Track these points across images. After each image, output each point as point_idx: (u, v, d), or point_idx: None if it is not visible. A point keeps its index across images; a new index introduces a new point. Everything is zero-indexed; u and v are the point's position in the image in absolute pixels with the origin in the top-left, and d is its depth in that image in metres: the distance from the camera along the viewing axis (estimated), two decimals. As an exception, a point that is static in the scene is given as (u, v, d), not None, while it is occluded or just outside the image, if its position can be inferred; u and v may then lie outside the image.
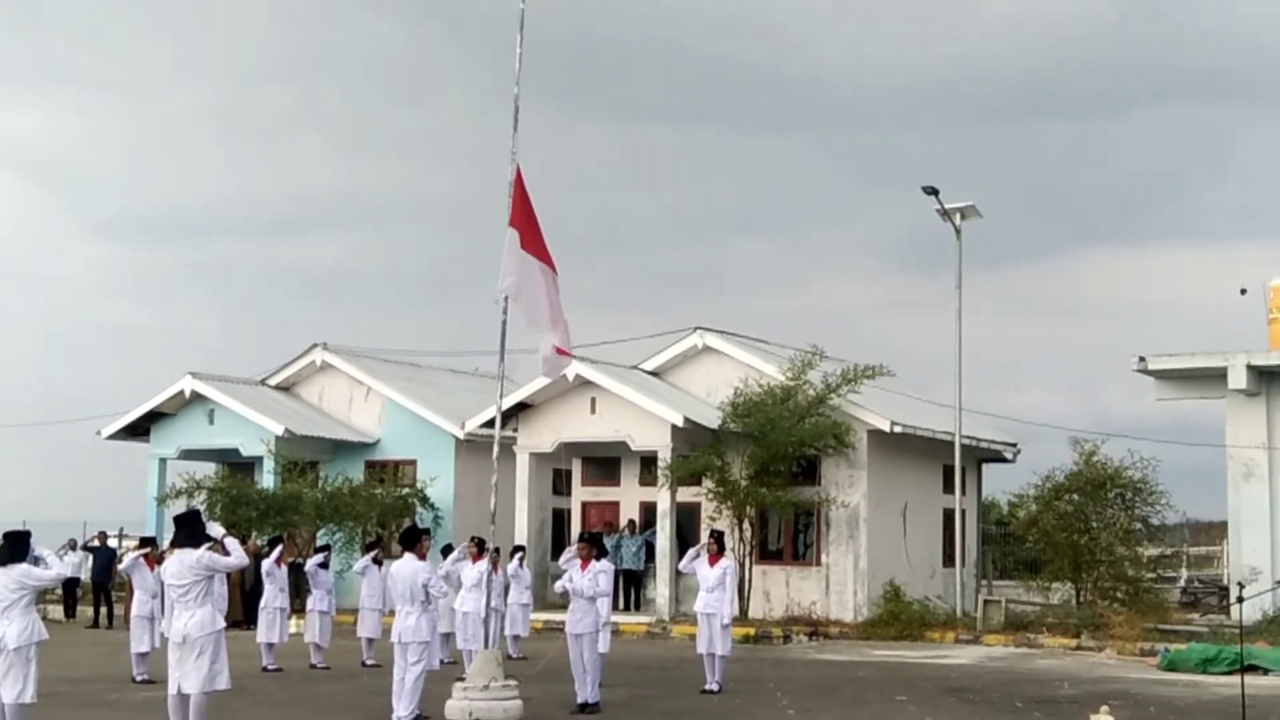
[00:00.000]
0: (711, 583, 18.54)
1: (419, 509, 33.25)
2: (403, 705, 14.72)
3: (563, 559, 17.64)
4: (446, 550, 21.70)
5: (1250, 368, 29.74)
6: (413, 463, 34.82)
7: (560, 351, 16.64)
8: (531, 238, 16.29)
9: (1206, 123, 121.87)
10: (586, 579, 16.48)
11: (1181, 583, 37.28)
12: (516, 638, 22.70)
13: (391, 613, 15.61)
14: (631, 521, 31.44)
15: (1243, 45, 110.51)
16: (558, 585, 17.51)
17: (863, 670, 21.64)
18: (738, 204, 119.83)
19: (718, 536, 19.33)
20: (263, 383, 36.51)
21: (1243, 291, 31.65)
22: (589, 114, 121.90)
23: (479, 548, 20.32)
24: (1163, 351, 31.08)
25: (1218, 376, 30.16)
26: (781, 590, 30.01)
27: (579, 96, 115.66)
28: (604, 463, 32.49)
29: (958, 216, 30.14)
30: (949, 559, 31.25)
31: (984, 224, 31.19)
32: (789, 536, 30.91)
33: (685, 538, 28.75)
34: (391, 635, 15.14)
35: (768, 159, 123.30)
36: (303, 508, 32.26)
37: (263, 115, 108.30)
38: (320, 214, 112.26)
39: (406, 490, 33.93)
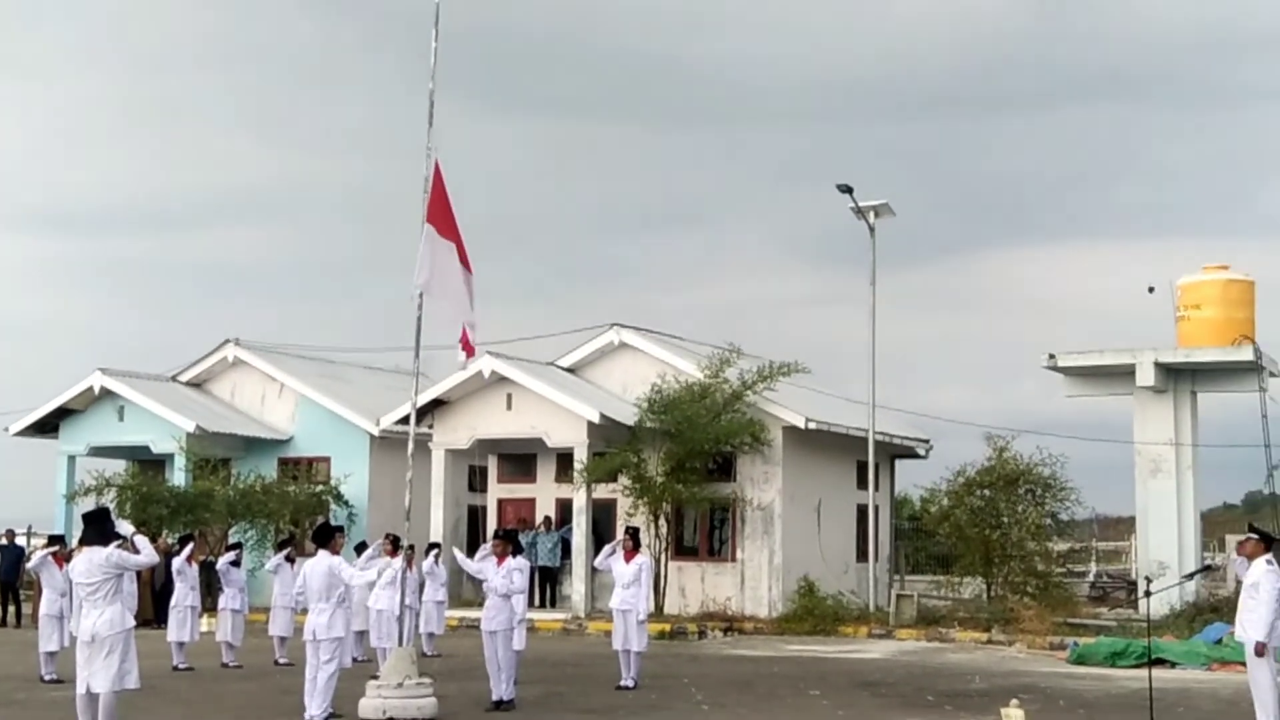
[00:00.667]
0: (627, 579, 18.57)
1: (333, 506, 33.03)
2: (315, 704, 14.61)
3: (477, 556, 17.59)
4: (361, 548, 21.56)
5: (1158, 365, 30.23)
6: (327, 460, 34.57)
7: (470, 348, 16.60)
8: (449, 234, 16.22)
9: (1118, 121, 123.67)
10: (501, 577, 16.45)
11: (1090, 577, 37.84)
12: (431, 635, 22.61)
13: (304, 611, 15.50)
14: (547, 518, 31.41)
15: (1151, 46, 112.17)
16: (468, 564, 17.52)
17: (777, 665, 21.76)
18: (654, 198, 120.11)
19: (633, 533, 19.38)
20: (174, 379, 36.11)
21: (1151, 290, 32.14)
22: (504, 107, 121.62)
23: (394, 545, 20.23)
24: (1072, 349, 31.54)
25: (1126, 373, 30.64)
26: (697, 586, 30.10)
27: (493, 89, 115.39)
28: (520, 459, 32.43)
29: (871, 214, 30.41)
30: (862, 554, 31.50)
31: (899, 220, 31.51)
32: (705, 532, 31.01)
33: (601, 534, 28.78)
34: (304, 633, 15.03)
35: (684, 153, 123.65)
36: (214, 505, 31.96)
37: (173, 105, 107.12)
38: (233, 206, 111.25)
39: (320, 487, 33.69)
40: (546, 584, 30.89)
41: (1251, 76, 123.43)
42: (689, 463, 29.03)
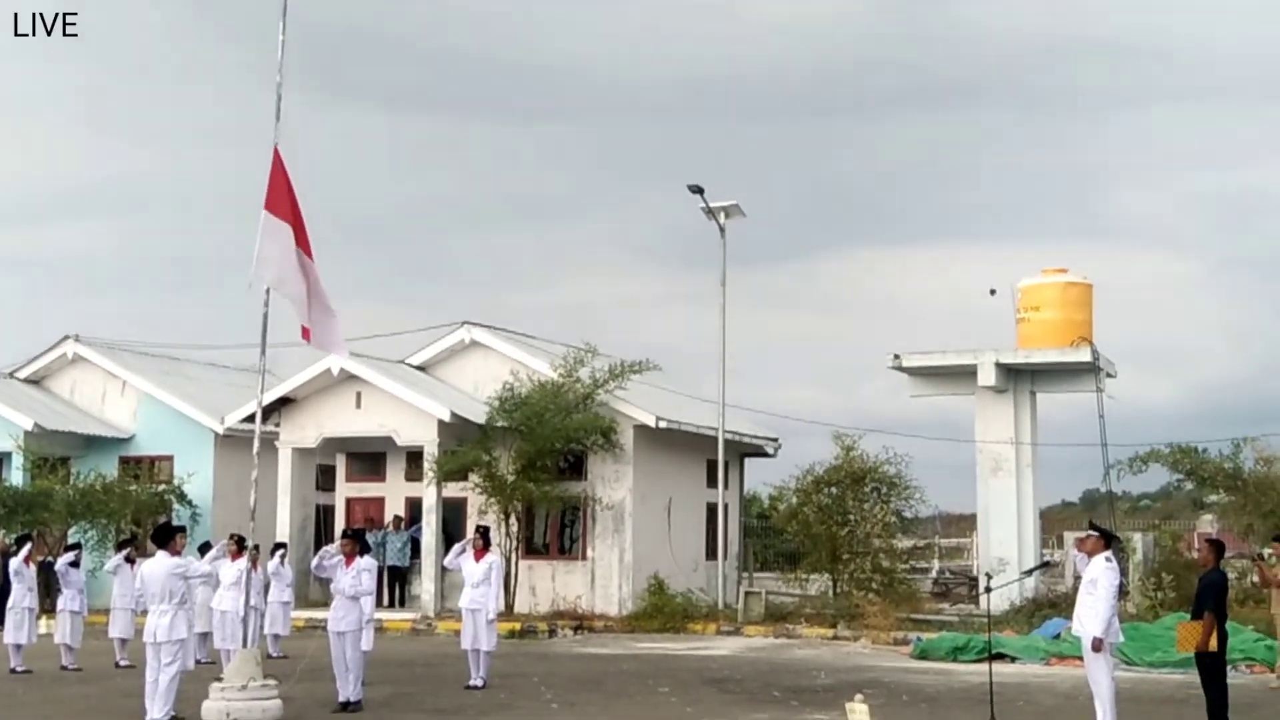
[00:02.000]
0: (477, 578, 18.50)
1: (176, 506, 32.43)
2: (157, 707, 14.34)
3: (326, 548, 17.38)
4: (204, 548, 21.17)
5: (999, 365, 30.90)
6: (170, 458, 33.95)
7: (307, 333, 16.34)
8: (293, 223, 15.94)
9: (964, 126, 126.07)
10: (349, 577, 16.28)
11: (933, 573, 38.54)
12: (276, 636, 22.27)
13: (145, 612, 15.19)
14: (397, 517, 31.15)
15: (996, 52, 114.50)
16: (313, 561, 17.32)
17: (626, 663, 21.82)
18: (507, 196, 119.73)
19: (483, 532, 19.30)
20: (11, 375, 35.17)
21: (992, 292, 32.85)
22: (355, 102, 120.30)
23: (238, 545, 19.92)
24: (917, 349, 32.08)
25: (968, 374, 31.26)
26: (547, 585, 30.07)
27: (344, 85, 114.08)
28: (369, 458, 32.11)
29: (722, 215, 30.64)
30: (712, 552, 31.73)
31: (752, 221, 31.82)
32: (555, 531, 30.99)
33: (451, 533, 28.60)
34: (145, 635, 14.74)
35: (539, 151, 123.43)
36: (53, 505, 31.22)
37: (15, 98, 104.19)
38: (72, 200, 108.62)
39: (163, 487, 33.06)
40: (395, 584, 30.64)
41: (1091, 83, 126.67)
42: (540, 461, 28.99)
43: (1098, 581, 13.60)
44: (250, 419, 25.14)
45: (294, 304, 16.11)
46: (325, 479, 32.14)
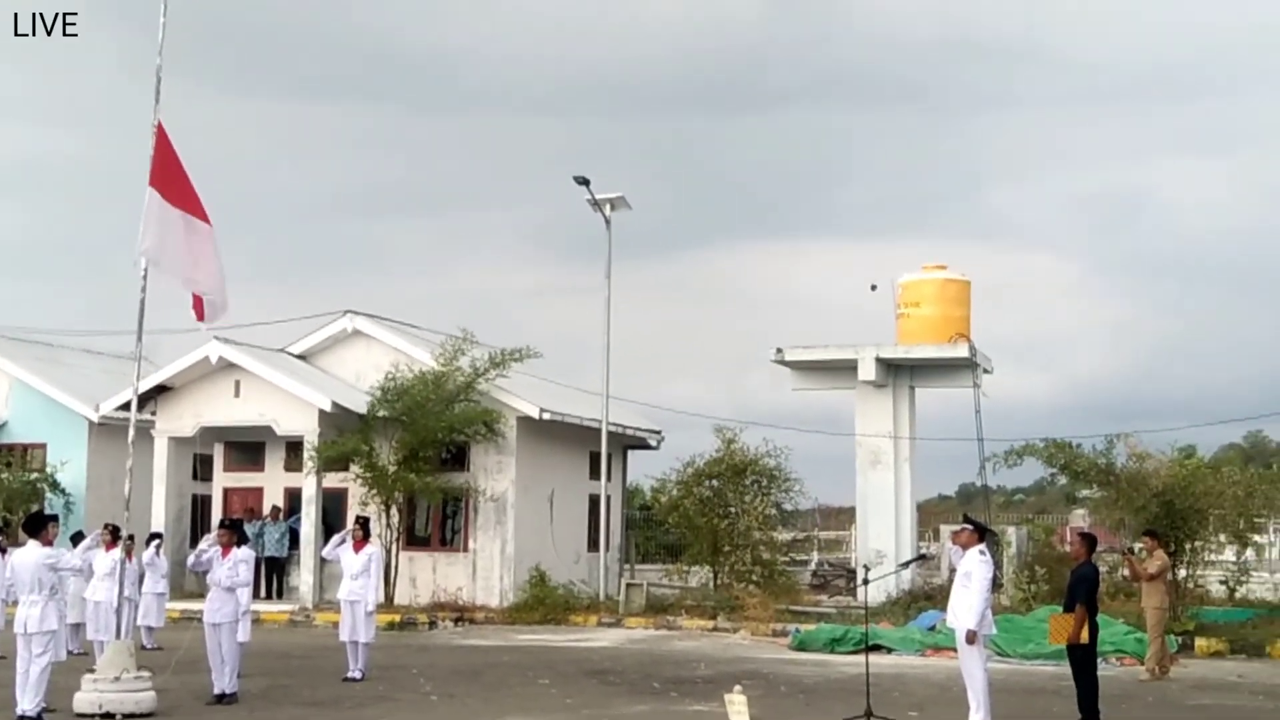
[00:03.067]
0: (356, 569, 18.38)
1: (48, 495, 31.82)
2: (27, 698, 14.07)
3: (201, 545, 17.14)
4: (77, 538, 20.77)
5: (879, 360, 31.26)
6: (42, 446, 33.34)
7: (198, 307, 16.12)
8: (179, 193, 15.72)
9: (850, 123, 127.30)
10: (226, 568, 16.09)
11: (812, 566, 38.84)
12: (150, 628, 21.93)
13: (15, 603, 14.88)
14: (276, 508, 30.80)
15: (883, 51, 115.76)
16: (190, 559, 17.09)
17: (507, 655, 21.79)
18: (394, 185, 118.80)
19: (363, 523, 19.20)
20: (-123, 360, 34.26)
21: (873, 287, 33.22)
22: (242, 87, 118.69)
23: (113, 535, 19.59)
24: (800, 343, 32.35)
25: (849, 368, 31.58)
26: (428, 576, 29.92)
27: (235, 72, 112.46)
28: (248, 447, 31.69)
29: (608, 207, 30.66)
30: (594, 544, 31.77)
31: (637, 215, 31.91)
32: (437, 522, 30.83)
33: (331, 524, 28.30)
34: (15, 626, 14.44)
35: (427, 140, 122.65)
36: (-80, 492, 30.48)
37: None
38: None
39: (35, 475, 32.43)
40: (273, 575, 30.30)
41: (975, 84, 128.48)
42: (422, 452, 28.82)
43: (972, 574, 13.82)
44: (126, 407, 24.79)
45: (180, 279, 15.91)
46: (203, 468, 31.71)
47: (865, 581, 15.78)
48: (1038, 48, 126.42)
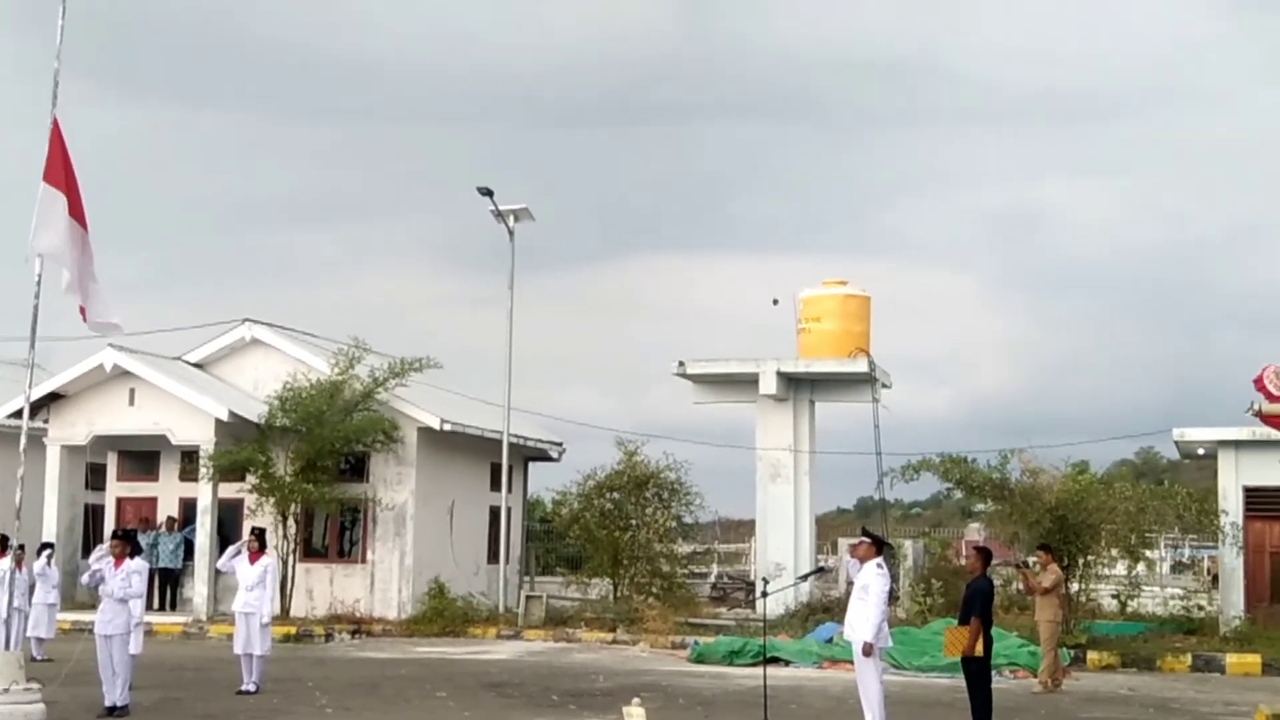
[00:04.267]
0: (251, 581, 18.19)
1: (-64, 504, 31.07)
2: (-90, 713, 13.74)
3: (93, 557, 16.87)
4: (-35, 548, 20.35)
5: (780, 374, 31.43)
6: (-71, 454, 32.50)
7: (85, 313, 15.84)
8: (70, 192, 15.46)
9: (755, 137, 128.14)
10: (119, 579, 15.84)
11: (712, 578, 39.00)
12: (40, 639, 21.54)
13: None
14: (170, 518, 30.37)
15: (788, 67, 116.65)
16: (84, 578, 16.80)
17: (404, 667, 21.64)
18: (296, 193, 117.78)
19: (259, 534, 18.98)
20: None
21: (775, 302, 33.40)
22: (138, 93, 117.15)
23: (2, 545, 19.25)
24: (701, 357, 32.46)
25: (750, 382, 31.73)
26: (325, 588, 29.65)
27: (135, 76, 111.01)
28: (142, 456, 31.24)
29: (511, 218, 30.58)
30: (494, 556, 31.62)
31: (541, 226, 31.87)
32: (335, 533, 30.58)
33: (227, 535, 28.01)
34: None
35: (326, 148, 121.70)
36: None
37: None
38: None
39: (-78, 483, 31.64)
40: (167, 586, 29.88)
41: (877, 102, 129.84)
42: (320, 462, 28.57)
43: (869, 587, 13.92)
44: (17, 414, 24.19)
45: (70, 276, 15.63)
46: (95, 478, 31.12)
47: (764, 594, 15.86)
48: (936, 67, 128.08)
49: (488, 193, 29.87)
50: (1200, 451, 29.46)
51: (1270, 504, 26.05)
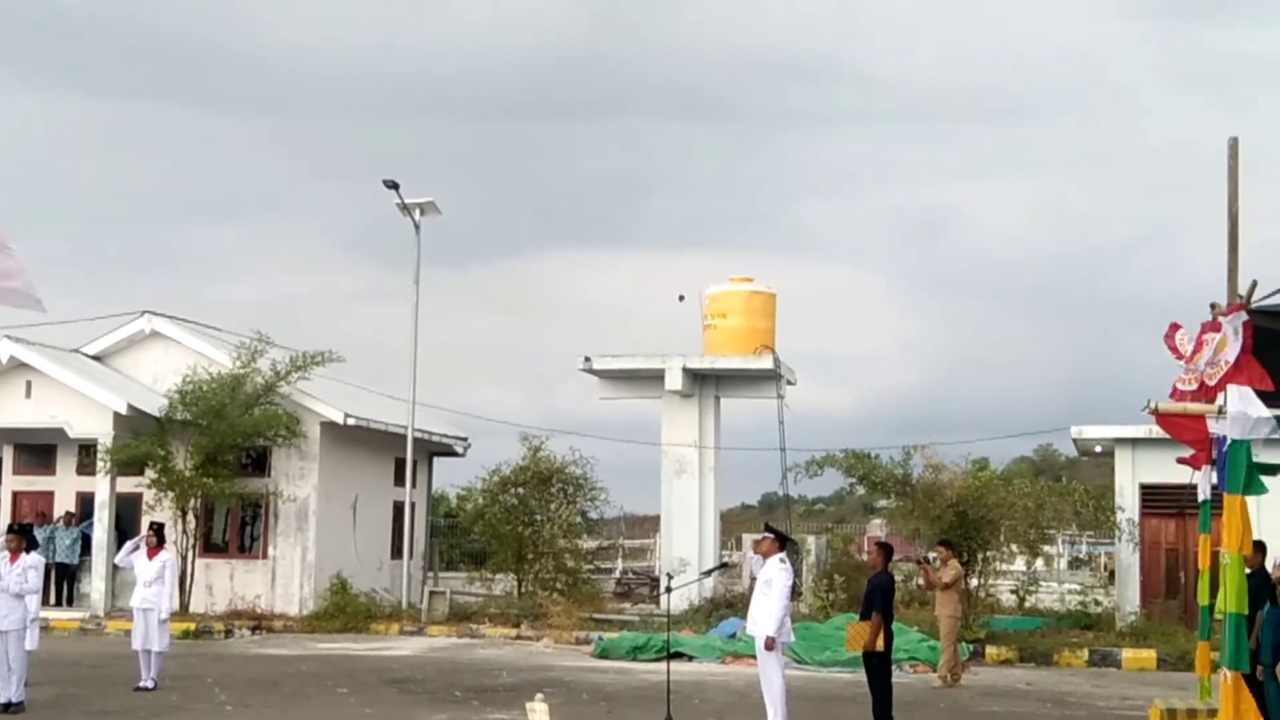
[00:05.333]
0: (149, 576, 17.98)
1: None
2: None
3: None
4: None
5: (686, 370, 31.55)
6: None
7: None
8: None
9: (668, 135, 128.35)
10: (14, 574, 15.58)
11: (617, 574, 39.07)
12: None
13: None
14: (68, 513, 29.89)
15: (702, 66, 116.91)
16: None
17: (306, 664, 21.46)
18: (196, 186, 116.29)
19: (158, 529, 18.76)
20: None
21: (681, 298, 33.53)
22: (43, 84, 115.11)
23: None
24: (607, 352, 32.48)
25: (656, 378, 31.82)
26: (226, 584, 29.32)
27: (34, 66, 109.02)
28: (39, 450, 30.70)
29: (417, 212, 30.37)
30: (397, 551, 31.44)
31: (452, 221, 31.68)
32: (236, 529, 30.24)
33: (125, 529, 27.61)
34: None
35: (233, 142, 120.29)
36: None
37: None
38: None
39: None
40: (64, 581, 29.41)
41: (788, 101, 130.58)
42: (220, 456, 28.26)
43: (772, 582, 14.01)
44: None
45: None
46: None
47: (668, 589, 15.90)
48: (847, 68, 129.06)
49: (393, 185, 29.66)
50: (1098, 449, 29.93)
51: (1166, 501, 26.49)
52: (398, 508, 32.08)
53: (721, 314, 32.54)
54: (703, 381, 32.35)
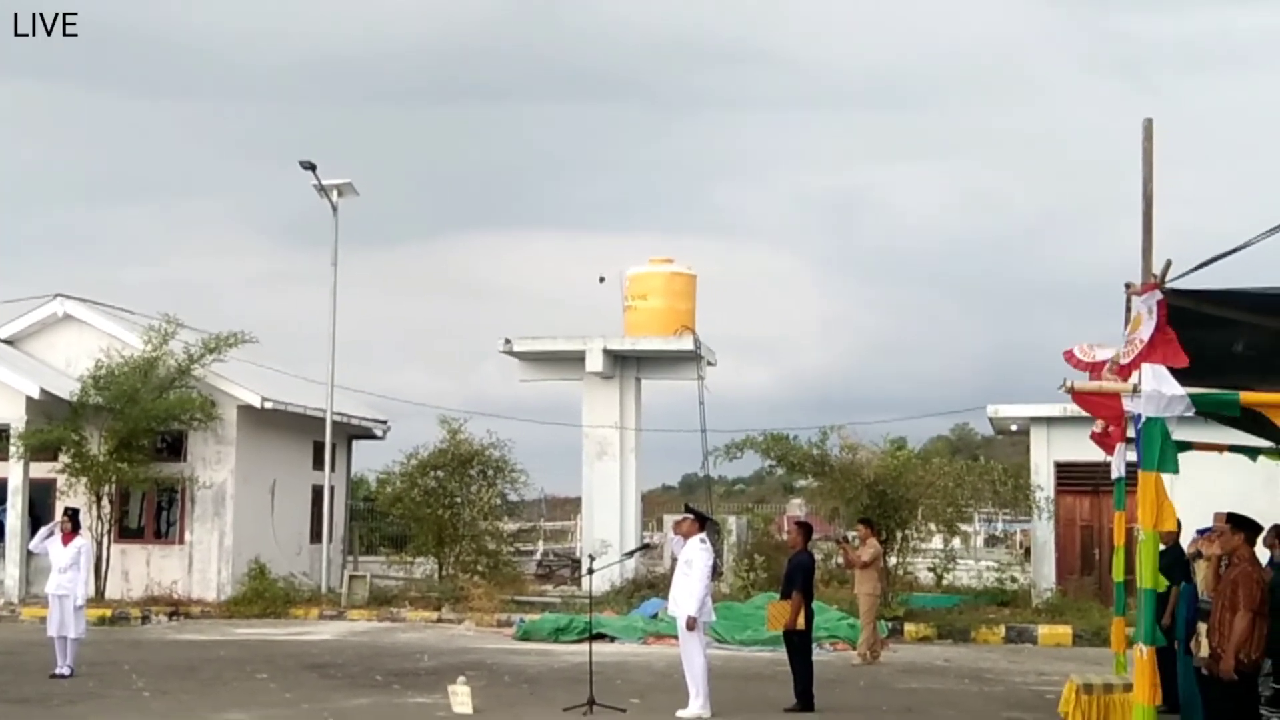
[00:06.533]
0: (64, 563, 17.72)
1: None
2: None
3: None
4: None
5: (606, 352, 31.56)
6: None
7: None
8: None
9: (587, 118, 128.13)
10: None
11: (538, 556, 39.03)
12: None
13: None
14: (-21, 499, 29.45)
15: (620, 49, 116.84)
16: None
17: (224, 649, 21.28)
18: (109, 168, 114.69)
19: (72, 514, 18.48)
20: None
21: (601, 280, 33.53)
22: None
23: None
24: (528, 334, 32.43)
25: (577, 359, 31.81)
26: (142, 570, 29.00)
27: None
28: (-52, 436, 30.21)
29: (335, 193, 30.13)
30: (316, 535, 31.24)
31: (370, 204, 31.66)
32: (151, 514, 29.91)
33: (39, 515, 27.23)
34: None
35: (144, 123, 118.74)
36: None
37: None
38: None
39: None
40: (-25, 568, 28.98)
41: (705, 85, 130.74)
42: (135, 441, 27.93)
43: (692, 563, 14.07)
44: None
45: None
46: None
47: (590, 571, 15.92)
48: (763, 51, 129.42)
49: (310, 167, 29.40)
50: (1013, 428, 30.27)
51: (1080, 479, 26.85)
52: (316, 492, 31.86)
53: (642, 295, 32.55)
54: (623, 363, 32.37)
